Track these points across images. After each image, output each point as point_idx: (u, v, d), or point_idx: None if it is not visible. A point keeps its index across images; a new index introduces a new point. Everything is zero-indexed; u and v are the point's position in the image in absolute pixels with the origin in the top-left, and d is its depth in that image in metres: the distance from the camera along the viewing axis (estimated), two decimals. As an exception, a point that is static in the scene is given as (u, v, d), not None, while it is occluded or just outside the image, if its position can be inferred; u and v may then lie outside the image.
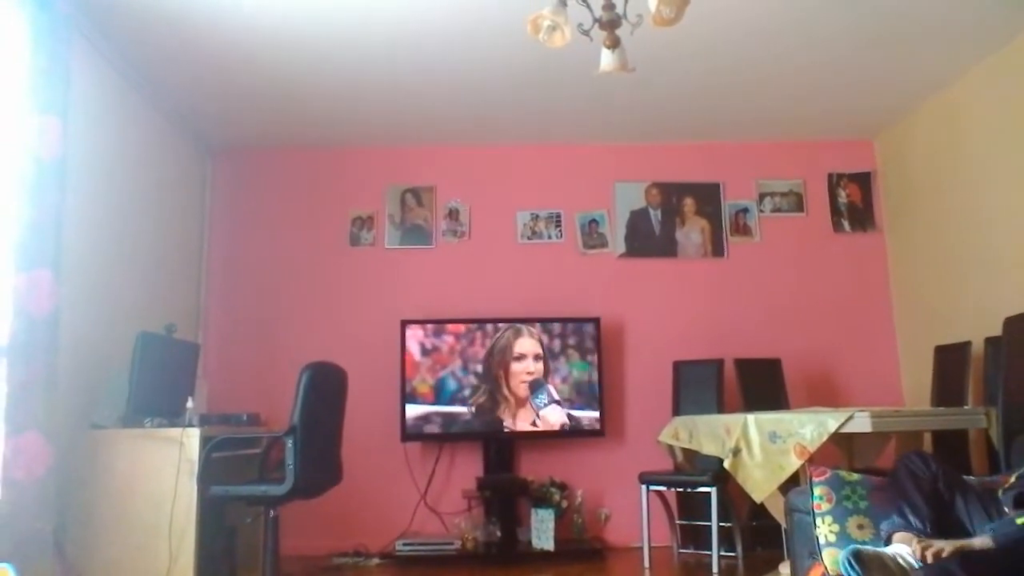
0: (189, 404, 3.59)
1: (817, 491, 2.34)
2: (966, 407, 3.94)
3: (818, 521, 2.29)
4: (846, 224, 5.38)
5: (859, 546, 2.05)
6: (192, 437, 3.37)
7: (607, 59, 2.71)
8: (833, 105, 4.86)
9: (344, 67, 4.18)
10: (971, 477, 2.39)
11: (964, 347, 4.15)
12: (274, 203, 5.28)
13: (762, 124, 5.16)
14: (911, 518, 2.10)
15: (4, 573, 2.17)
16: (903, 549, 2.00)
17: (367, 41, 3.92)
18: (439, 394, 4.83)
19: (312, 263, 5.20)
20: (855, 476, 2.40)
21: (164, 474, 3.32)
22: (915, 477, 2.17)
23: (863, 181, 5.42)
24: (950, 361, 4.27)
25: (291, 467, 3.27)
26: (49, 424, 3.03)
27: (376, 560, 4.51)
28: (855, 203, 5.40)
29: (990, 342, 3.89)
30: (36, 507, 2.95)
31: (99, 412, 3.57)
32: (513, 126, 5.09)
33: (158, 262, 4.53)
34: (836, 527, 2.26)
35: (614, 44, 2.67)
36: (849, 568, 1.95)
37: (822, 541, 2.26)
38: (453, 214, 5.30)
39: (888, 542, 2.09)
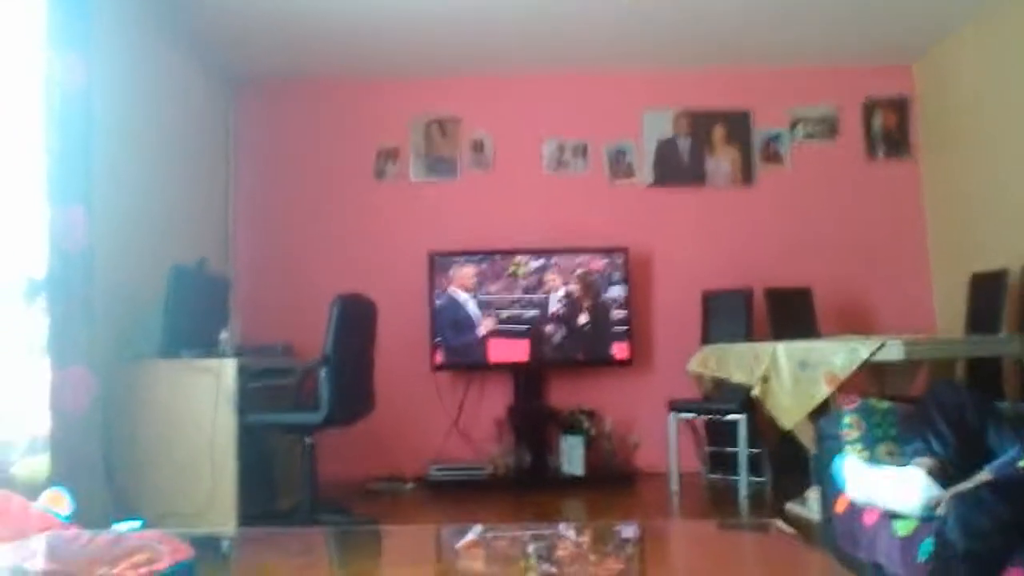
0: (223, 335, 3.66)
1: (847, 419, 2.35)
2: (1001, 335, 3.89)
3: (847, 448, 2.30)
4: (881, 151, 5.24)
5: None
6: (228, 367, 3.44)
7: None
8: (870, 28, 4.67)
9: (366, -6, 4.09)
10: (1004, 403, 2.39)
11: (1000, 274, 4.07)
12: (298, 135, 5.25)
13: (795, 49, 4.98)
14: (934, 443, 2.10)
15: (59, 496, 2.26)
16: (918, 471, 2.00)
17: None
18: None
19: (338, 196, 5.20)
20: (885, 404, 2.40)
21: (203, 403, 3.40)
22: (941, 406, 2.16)
23: (900, 107, 5.25)
24: (985, 288, 4.20)
25: (325, 396, 3.35)
26: (91, 356, 3.11)
27: (411, 485, 4.64)
28: (890, 130, 5.25)
29: (1028, 269, 3.82)
30: (84, 435, 3.05)
31: (137, 344, 3.66)
32: (539, 54, 4.97)
33: (186, 196, 4.55)
34: (866, 453, 2.27)
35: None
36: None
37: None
38: (478, 145, 5.24)
39: None
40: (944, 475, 1.98)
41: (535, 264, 4.90)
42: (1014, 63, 4.25)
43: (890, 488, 2.01)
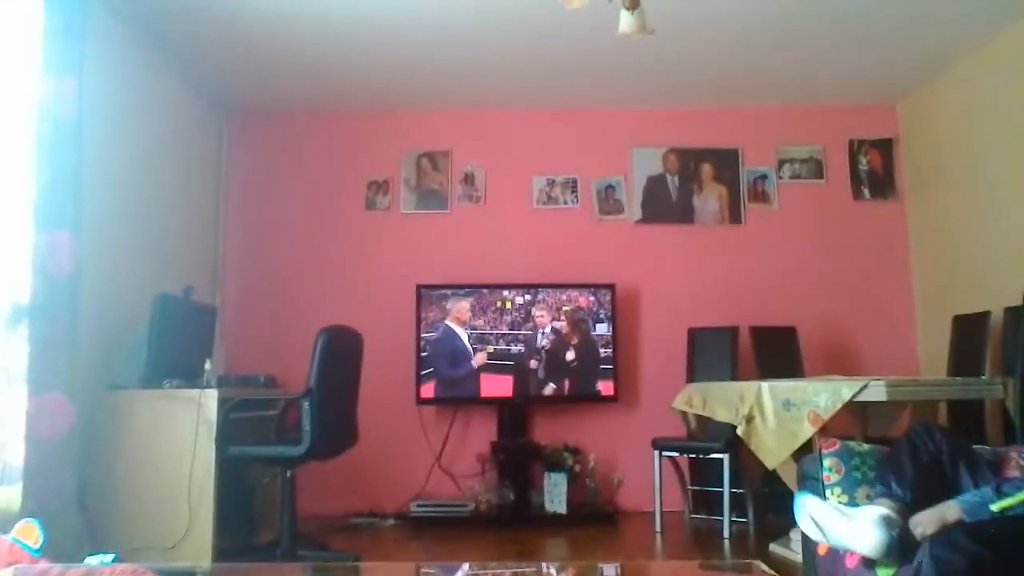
0: (207, 366, 3.63)
1: (827, 463, 2.34)
2: (983, 377, 3.91)
3: (827, 492, 2.29)
4: (866, 191, 5.31)
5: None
6: (210, 398, 3.41)
7: (626, 21, 2.67)
8: (855, 69, 4.76)
9: (361, 29, 4.13)
10: (984, 447, 2.38)
11: (983, 317, 4.11)
12: (290, 166, 5.27)
13: (782, 88, 5.07)
14: (894, 486, 2.07)
15: (30, 528, 2.22)
16: (871, 511, 1.98)
17: (384, 3, 3.87)
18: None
19: (328, 227, 5.21)
20: (865, 446, 2.40)
21: (183, 434, 3.37)
22: (913, 449, 2.13)
23: (884, 147, 5.33)
24: (968, 331, 4.23)
25: (307, 429, 3.32)
26: (71, 384, 3.08)
27: (391, 520, 4.58)
28: (875, 170, 5.33)
29: (1009, 312, 3.85)
30: (59, 465, 3.01)
31: (119, 373, 3.62)
32: (530, 90, 5.04)
33: (175, 224, 4.55)
34: (845, 498, 2.26)
35: (633, 6, 2.63)
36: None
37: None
38: (469, 178, 5.27)
39: None
40: (903, 516, 1.95)
41: (522, 299, 4.91)
42: (997, 105, 4.33)
43: (844, 529, 1.98)
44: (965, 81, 4.63)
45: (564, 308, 4.91)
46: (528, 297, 4.91)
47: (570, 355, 4.88)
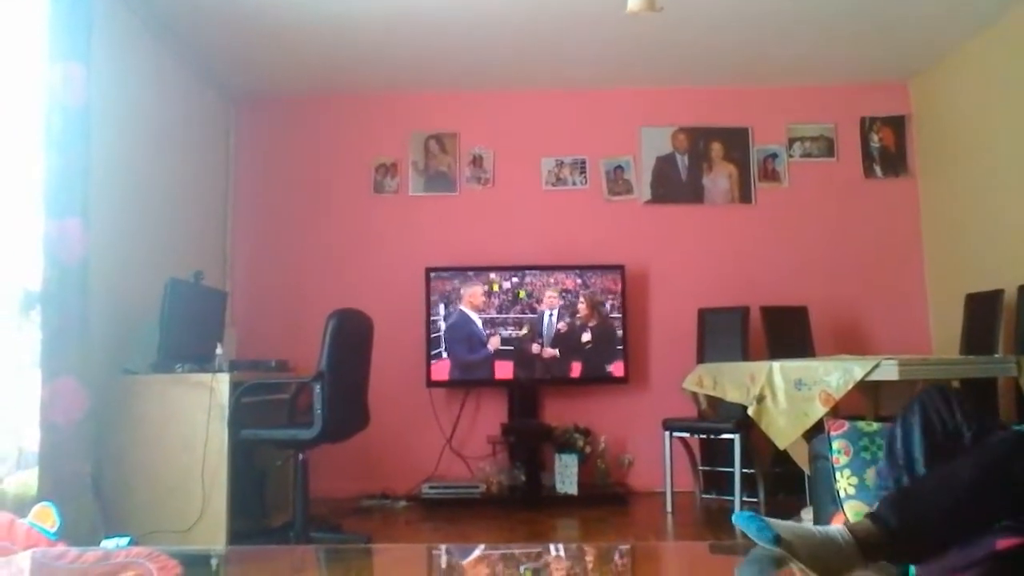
0: (218, 350, 3.65)
1: (835, 444, 2.32)
2: (996, 355, 3.89)
3: (837, 475, 2.28)
4: (878, 169, 5.26)
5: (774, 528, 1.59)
6: (222, 382, 3.43)
7: (634, -1, 2.64)
8: (867, 48, 4.70)
9: (368, 12, 4.11)
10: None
11: (996, 295, 4.08)
12: (298, 150, 5.26)
13: (793, 67, 5.01)
14: (900, 462, 1.86)
15: (46, 511, 2.24)
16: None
17: (388, -17, 3.85)
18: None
19: (337, 210, 5.21)
20: (874, 426, 2.38)
21: (195, 418, 3.39)
22: (926, 421, 1.82)
23: (896, 125, 5.28)
24: (981, 309, 4.20)
25: (319, 412, 3.34)
26: (83, 369, 3.10)
27: (403, 502, 4.61)
28: (887, 148, 5.27)
29: (1022, 290, 3.82)
30: (74, 450, 3.04)
31: (131, 358, 3.65)
32: (538, 71, 5.00)
33: (185, 210, 4.56)
34: (855, 479, 2.25)
35: (642, -17, 2.60)
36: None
37: (842, 495, 2.25)
38: (477, 160, 5.26)
39: None
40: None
41: (531, 280, 4.90)
42: (1010, 83, 4.28)
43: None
44: (978, 59, 4.56)
45: (583, 291, 4.90)
46: (538, 279, 4.90)
47: (586, 336, 4.87)
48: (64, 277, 3.08)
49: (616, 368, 4.88)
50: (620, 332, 4.89)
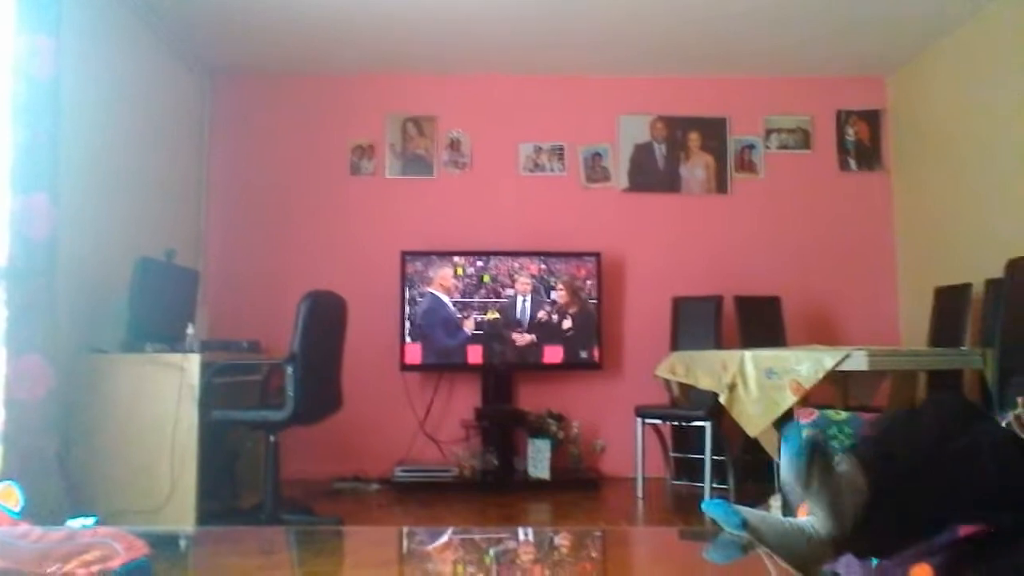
0: (190, 330, 3.61)
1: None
2: (963, 348, 3.96)
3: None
4: (852, 163, 5.31)
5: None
6: (193, 362, 3.39)
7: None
8: (845, 41, 4.73)
9: (344, -11, 4.06)
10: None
11: (964, 288, 4.14)
12: (274, 129, 5.20)
13: (771, 58, 5.03)
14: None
15: (9, 490, 2.21)
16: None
17: (368, -38, 3.80)
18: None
19: (313, 191, 5.15)
20: (843, 415, 2.41)
21: (165, 398, 3.36)
22: (942, 437, 1.62)
23: (872, 119, 5.33)
24: (949, 302, 4.27)
25: (291, 394, 3.32)
26: (50, 347, 3.05)
27: (375, 485, 4.60)
28: (863, 141, 5.32)
29: (991, 284, 3.88)
30: (39, 428, 3.00)
31: (100, 337, 3.60)
32: (517, 56, 4.97)
33: (157, 187, 4.49)
34: (825, 465, 2.28)
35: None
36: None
37: (810, 483, 2.28)
38: (455, 144, 5.23)
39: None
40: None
41: (506, 265, 4.90)
42: (985, 79, 4.33)
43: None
44: (954, 55, 4.61)
45: (562, 278, 4.90)
46: (514, 264, 4.90)
47: (567, 323, 4.88)
48: (31, 253, 3.03)
49: (591, 354, 4.89)
50: (594, 318, 4.91)
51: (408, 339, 4.82)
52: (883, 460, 1.62)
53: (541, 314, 4.87)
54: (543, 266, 4.91)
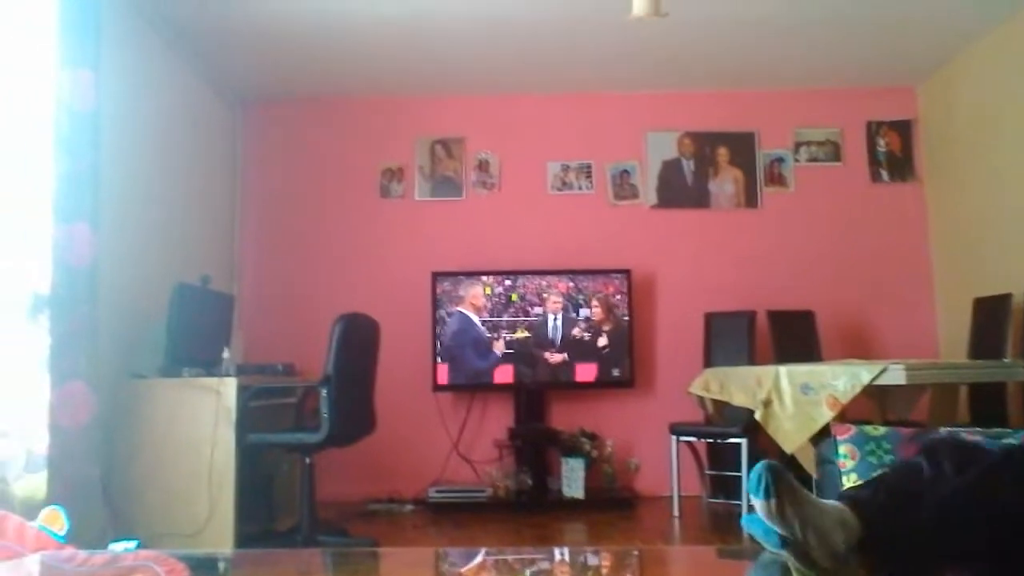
0: (225, 354, 3.66)
1: (841, 449, 2.32)
2: (1005, 360, 3.87)
3: (844, 479, 2.27)
4: (885, 174, 5.25)
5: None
6: (229, 386, 3.44)
7: (639, 4, 2.65)
8: (874, 52, 4.70)
9: (374, 16, 4.13)
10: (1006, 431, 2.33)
11: (1005, 299, 4.06)
12: (305, 155, 5.28)
13: (799, 70, 5.01)
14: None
15: (55, 515, 2.25)
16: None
17: (395, -11, 3.87)
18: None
19: (343, 215, 5.22)
20: (881, 430, 2.37)
21: (203, 423, 3.40)
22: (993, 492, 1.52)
23: (903, 129, 5.27)
24: (989, 313, 4.18)
25: (326, 416, 3.34)
26: (92, 373, 3.11)
27: (410, 506, 4.61)
28: (894, 152, 5.26)
29: (1032, 294, 3.81)
30: (83, 453, 3.05)
31: (139, 362, 3.66)
32: (543, 75, 5.01)
33: (193, 214, 4.58)
34: (862, 483, 2.25)
35: (647, -12, 2.61)
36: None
37: (848, 499, 2.24)
38: (483, 165, 5.27)
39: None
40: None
41: (536, 284, 4.90)
42: (1018, 86, 4.27)
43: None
44: (985, 63, 4.55)
45: (597, 294, 4.89)
46: (544, 283, 4.90)
47: (602, 341, 4.87)
48: (73, 281, 3.10)
49: (624, 372, 4.87)
50: (626, 335, 4.89)
51: (439, 359, 4.84)
52: (878, 495, 1.60)
53: (575, 332, 4.87)
54: (572, 284, 4.91)
